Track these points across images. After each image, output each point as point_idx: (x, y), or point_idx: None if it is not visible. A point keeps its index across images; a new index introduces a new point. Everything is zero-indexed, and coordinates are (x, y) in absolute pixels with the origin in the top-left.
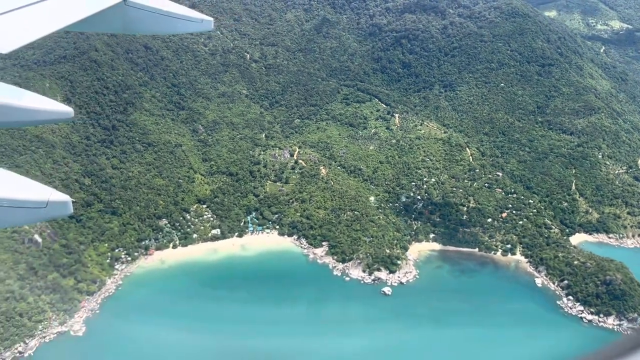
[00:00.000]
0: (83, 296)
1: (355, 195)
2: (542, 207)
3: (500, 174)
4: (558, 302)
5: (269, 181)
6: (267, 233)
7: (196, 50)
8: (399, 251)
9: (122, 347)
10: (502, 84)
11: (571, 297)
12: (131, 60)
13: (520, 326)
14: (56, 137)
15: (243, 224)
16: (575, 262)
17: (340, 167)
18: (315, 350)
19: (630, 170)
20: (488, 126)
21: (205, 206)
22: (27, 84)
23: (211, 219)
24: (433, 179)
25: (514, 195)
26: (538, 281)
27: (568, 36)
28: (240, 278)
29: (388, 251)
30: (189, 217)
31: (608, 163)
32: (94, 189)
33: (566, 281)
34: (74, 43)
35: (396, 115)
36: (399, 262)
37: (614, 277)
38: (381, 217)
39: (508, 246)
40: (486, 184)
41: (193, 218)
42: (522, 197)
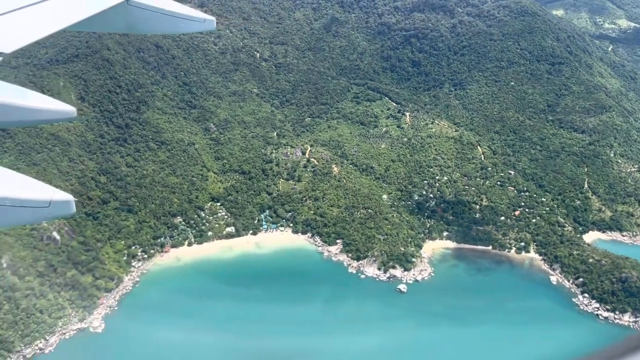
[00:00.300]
0: (101, 293)
1: (368, 193)
2: (555, 205)
3: (512, 172)
4: (573, 300)
5: (282, 179)
6: (281, 231)
7: (206, 49)
8: (413, 249)
9: (141, 345)
10: (512, 83)
11: (587, 295)
12: (142, 59)
13: (536, 323)
14: (71, 136)
15: (257, 222)
16: (590, 260)
17: (352, 166)
18: (332, 348)
19: None
20: (499, 125)
21: (219, 204)
22: (42, 83)
23: (225, 217)
24: (445, 177)
25: (527, 193)
26: (553, 279)
27: (577, 35)
28: (256, 276)
29: (402, 249)
30: (204, 215)
31: (620, 161)
32: (110, 187)
33: (581, 279)
34: (86, 42)
35: (407, 113)
36: (414, 260)
37: (630, 275)
38: (395, 215)
39: (522, 244)
40: (498, 182)
41: (207, 216)
42: (535, 196)
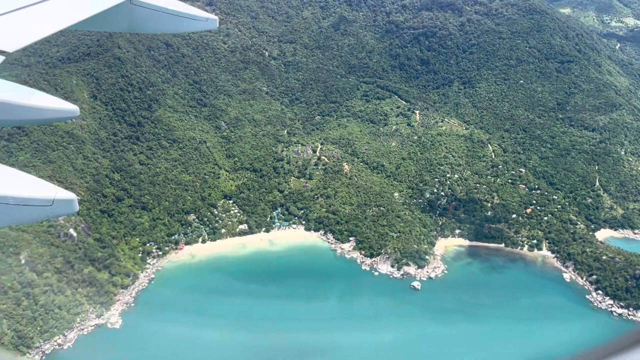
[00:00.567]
0: (118, 289)
1: (379, 191)
2: (567, 203)
3: (523, 170)
4: (587, 297)
5: (293, 177)
6: (294, 228)
7: (216, 47)
8: (426, 246)
9: (159, 341)
10: (522, 81)
11: (600, 292)
12: (153, 57)
13: (551, 320)
14: (85, 133)
15: (269, 220)
16: (603, 257)
17: (362, 164)
18: (349, 344)
19: None
20: (508, 123)
21: (231, 202)
22: (55, 81)
23: (238, 215)
24: (456, 175)
25: (538, 191)
26: (566, 276)
27: (585, 33)
28: (270, 273)
29: (416, 246)
30: (217, 213)
31: (631, 159)
32: (124, 184)
33: (595, 276)
34: (98, 40)
35: (416, 111)
36: (427, 257)
37: None
38: (407, 213)
39: (534, 242)
40: (509, 180)
41: (220, 213)
42: (546, 193)
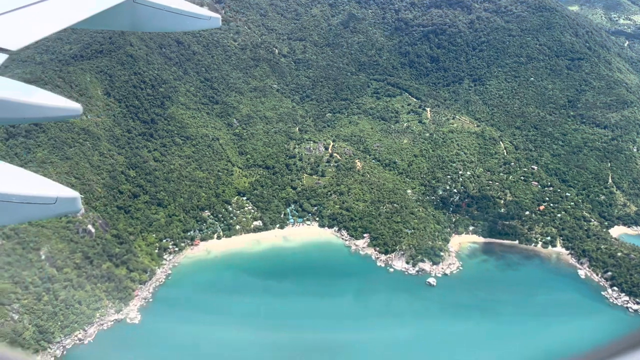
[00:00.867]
0: (136, 285)
1: (392, 188)
2: (580, 200)
3: (535, 168)
4: (603, 293)
5: (305, 174)
6: (308, 225)
7: (226, 45)
8: (441, 243)
9: (178, 336)
10: (532, 78)
11: (616, 288)
12: (165, 54)
13: (567, 316)
14: (100, 130)
15: (283, 216)
16: (618, 254)
17: (375, 161)
18: (365, 341)
19: None
20: (519, 120)
21: (245, 198)
22: (70, 78)
23: (252, 211)
24: (468, 172)
25: (551, 188)
26: (581, 273)
27: (594, 30)
28: (285, 269)
29: (430, 243)
30: (231, 209)
31: None
32: (139, 181)
33: (610, 272)
34: (110, 38)
35: (427, 109)
36: (442, 254)
37: None
38: (420, 210)
39: (548, 238)
40: (522, 177)
41: (235, 210)
42: (559, 190)
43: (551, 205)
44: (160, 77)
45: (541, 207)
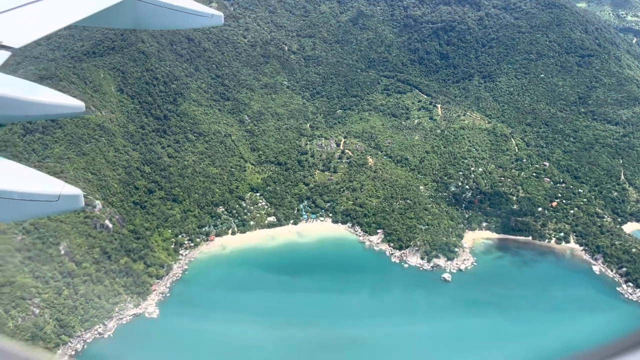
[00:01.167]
0: (153, 280)
1: (405, 184)
2: (592, 197)
3: (547, 164)
4: (617, 289)
5: (317, 170)
6: (321, 221)
7: (236, 41)
8: (455, 239)
9: (196, 331)
10: (542, 75)
11: (631, 284)
12: (176, 51)
13: (583, 311)
14: (114, 126)
15: (297, 212)
16: (633, 250)
17: (386, 157)
18: (382, 336)
19: None
20: (530, 117)
21: (258, 194)
22: (84, 75)
23: (266, 207)
24: (480, 169)
25: (563, 184)
26: (595, 269)
27: (604, 27)
28: (300, 264)
29: (445, 239)
30: (245, 205)
31: None
32: (154, 177)
33: (624, 268)
34: (121, 35)
35: (438, 105)
36: (456, 250)
37: None
38: (434, 206)
39: (561, 234)
40: (534, 174)
41: (249, 206)
42: (571, 187)
43: (564, 201)
44: (172, 74)
45: (554, 204)
